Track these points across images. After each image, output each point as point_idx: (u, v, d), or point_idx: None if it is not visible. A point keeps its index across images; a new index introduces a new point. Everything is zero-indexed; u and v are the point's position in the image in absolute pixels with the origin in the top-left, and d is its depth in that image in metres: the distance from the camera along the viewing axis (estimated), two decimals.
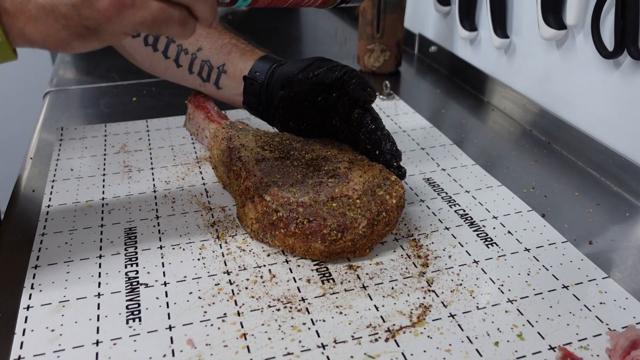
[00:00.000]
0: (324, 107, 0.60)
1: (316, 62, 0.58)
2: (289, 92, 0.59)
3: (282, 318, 0.45)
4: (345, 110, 0.60)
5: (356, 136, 0.60)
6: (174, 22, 0.39)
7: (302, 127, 0.62)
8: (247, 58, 0.63)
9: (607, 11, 0.63)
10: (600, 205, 0.61)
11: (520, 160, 0.71)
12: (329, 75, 0.57)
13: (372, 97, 0.58)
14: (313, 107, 0.60)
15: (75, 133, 0.76)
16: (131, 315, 0.45)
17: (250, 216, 0.53)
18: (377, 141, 0.58)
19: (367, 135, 0.59)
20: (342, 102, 0.59)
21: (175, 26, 0.39)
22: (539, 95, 0.79)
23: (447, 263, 0.52)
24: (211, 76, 0.65)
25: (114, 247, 0.53)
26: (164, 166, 0.68)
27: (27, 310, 0.46)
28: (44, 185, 0.64)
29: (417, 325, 0.44)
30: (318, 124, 0.62)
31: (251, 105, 0.64)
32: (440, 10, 0.98)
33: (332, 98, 0.59)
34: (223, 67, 0.64)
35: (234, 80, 0.64)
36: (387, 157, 0.58)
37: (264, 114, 0.63)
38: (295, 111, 0.61)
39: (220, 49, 0.64)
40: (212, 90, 0.67)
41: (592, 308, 0.46)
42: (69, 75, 0.99)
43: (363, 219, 0.49)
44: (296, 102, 0.60)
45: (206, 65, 0.65)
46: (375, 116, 0.59)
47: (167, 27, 0.39)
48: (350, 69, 0.58)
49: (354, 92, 0.58)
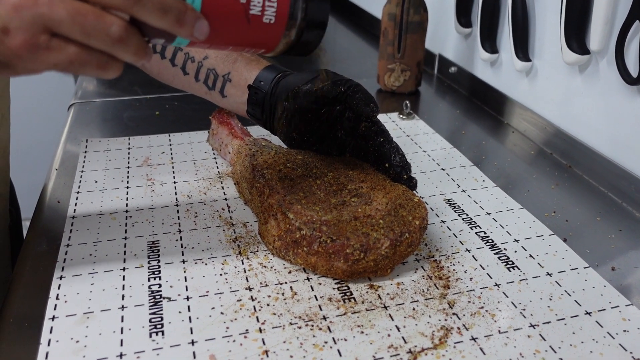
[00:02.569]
0: (327, 120, 0.60)
1: (321, 75, 0.59)
2: (294, 104, 0.59)
3: (303, 336, 0.45)
4: (351, 123, 0.60)
5: (364, 149, 0.61)
6: (92, 66, 0.37)
7: (305, 138, 0.62)
8: (252, 67, 0.64)
9: (632, 37, 0.63)
10: (622, 231, 0.61)
11: (541, 184, 0.71)
12: (334, 89, 0.58)
13: (375, 112, 0.59)
14: (316, 120, 0.60)
15: (99, 145, 0.77)
16: (154, 329, 0.46)
17: (273, 233, 0.53)
18: (385, 154, 0.59)
19: (375, 148, 0.59)
20: (346, 115, 0.60)
21: (93, 69, 0.38)
22: (560, 119, 0.79)
23: (468, 285, 0.52)
24: (216, 84, 0.65)
25: (137, 260, 0.54)
26: (187, 180, 0.69)
27: (52, 320, 0.46)
28: (68, 196, 0.65)
29: (438, 348, 0.44)
30: (321, 136, 0.62)
31: (255, 114, 0.64)
32: (462, 31, 0.98)
33: (336, 111, 0.60)
34: (228, 76, 0.64)
35: (239, 89, 0.64)
36: (397, 170, 0.58)
37: (267, 123, 0.64)
38: (299, 123, 0.61)
39: (226, 57, 0.65)
40: (217, 99, 0.67)
41: (615, 336, 0.46)
42: (93, 88, 1.01)
43: (386, 239, 0.49)
44: (300, 114, 0.60)
45: (212, 73, 0.65)
46: (382, 129, 0.60)
47: (84, 70, 0.37)
48: (354, 83, 0.59)
49: (357, 106, 0.58)
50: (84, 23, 0.35)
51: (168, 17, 0.37)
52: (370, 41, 1.36)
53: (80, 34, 0.36)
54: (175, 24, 0.37)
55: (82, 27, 0.35)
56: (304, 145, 0.63)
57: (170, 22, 0.37)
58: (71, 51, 0.36)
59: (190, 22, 0.37)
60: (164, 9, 0.36)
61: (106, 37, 0.36)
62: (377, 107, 0.59)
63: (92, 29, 0.36)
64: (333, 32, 1.53)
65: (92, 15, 0.35)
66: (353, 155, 0.62)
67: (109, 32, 0.36)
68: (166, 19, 0.37)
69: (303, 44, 0.43)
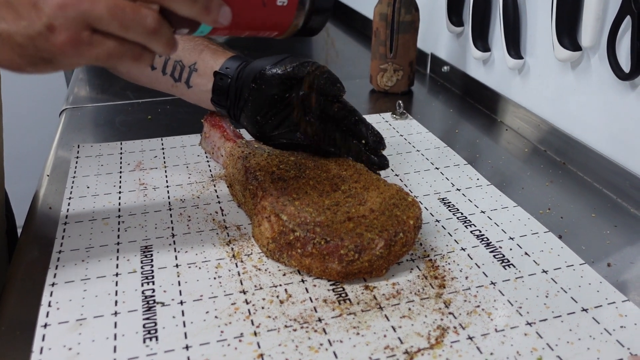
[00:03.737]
0: (291, 102, 0.61)
1: (288, 58, 0.60)
2: (260, 85, 0.60)
3: (299, 338, 0.45)
4: (320, 106, 0.61)
5: (330, 132, 0.62)
6: (128, 58, 0.40)
7: (269, 121, 0.62)
8: (218, 56, 0.65)
9: (623, 33, 0.63)
10: (617, 227, 0.61)
11: (535, 181, 0.71)
12: (301, 69, 0.59)
13: (342, 92, 0.61)
14: (281, 102, 0.61)
15: (91, 150, 0.76)
16: (148, 335, 0.45)
17: (267, 235, 0.53)
18: (361, 131, 0.61)
19: (350, 127, 0.62)
20: (310, 97, 0.61)
21: (129, 61, 0.40)
22: (554, 116, 0.79)
23: (463, 284, 0.51)
24: (182, 75, 0.66)
25: (130, 265, 0.53)
26: (179, 184, 0.68)
27: (44, 328, 0.46)
28: (60, 202, 0.64)
29: (435, 348, 0.44)
30: (284, 118, 0.62)
31: (219, 101, 0.65)
32: (453, 30, 0.98)
33: (301, 94, 0.60)
34: (194, 66, 0.65)
35: (205, 78, 0.65)
36: (375, 145, 0.61)
37: (231, 109, 0.64)
38: (264, 105, 0.61)
39: (193, 49, 0.66)
40: (182, 91, 0.68)
41: (612, 332, 0.46)
42: (84, 94, 1.00)
43: (380, 239, 0.49)
44: (265, 96, 0.60)
45: (178, 65, 0.66)
46: (353, 108, 0.62)
47: (121, 62, 0.40)
48: (320, 65, 0.60)
49: (324, 86, 0.60)
50: (123, 17, 0.37)
51: (196, 6, 0.39)
52: (362, 41, 1.36)
53: (119, 28, 0.38)
54: (203, 12, 0.39)
55: (121, 21, 0.37)
56: (266, 129, 0.63)
57: (198, 10, 0.39)
58: (110, 45, 0.38)
59: (215, 9, 0.40)
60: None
61: (142, 30, 0.38)
62: (343, 87, 0.61)
63: (129, 23, 0.38)
64: (325, 33, 1.52)
65: (129, 9, 0.37)
66: (317, 136, 0.63)
67: (144, 24, 0.38)
68: (195, 8, 0.39)
69: (311, 25, 0.46)
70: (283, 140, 0.63)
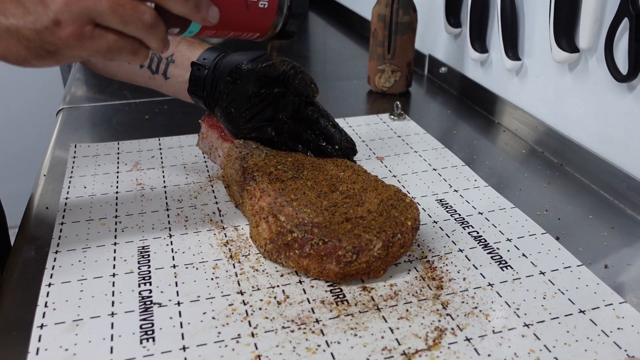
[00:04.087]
0: (265, 99, 0.63)
1: (264, 55, 0.62)
2: (236, 79, 0.61)
3: (296, 339, 0.45)
4: (294, 106, 0.63)
5: (303, 133, 0.65)
6: (127, 51, 0.43)
7: (242, 114, 0.63)
8: (195, 48, 0.66)
9: (620, 35, 0.63)
10: (614, 229, 0.61)
11: (533, 182, 0.71)
12: (277, 68, 0.61)
13: (315, 93, 0.64)
14: (256, 97, 0.62)
15: (88, 150, 0.76)
16: (145, 335, 0.45)
17: (264, 236, 0.53)
18: (334, 136, 0.64)
19: (322, 131, 0.64)
20: (289, 98, 0.63)
21: (127, 55, 0.43)
22: (551, 117, 0.79)
23: (461, 285, 0.51)
24: (160, 67, 0.67)
25: (127, 266, 0.53)
26: (177, 184, 0.68)
27: (40, 328, 0.45)
28: (57, 202, 0.64)
29: (432, 349, 0.44)
30: (257, 113, 0.63)
31: (196, 91, 0.65)
32: (451, 32, 0.98)
33: (275, 92, 0.63)
34: (171, 57, 0.66)
35: (182, 69, 0.66)
36: (347, 152, 0.64)
37: (207, 100, 0.65)
38: (238, 99, 0.62)
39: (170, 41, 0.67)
40: (159, 82, 0.68)
41: (609, 333, 0.46)
42: (81, 93, 1.00)
43: (378, 240, 0.49)
44: (240, 91, 0.62)
45: (155, 57, 0.67)
46: (326, 112, 0.65)
47: (119, 55, 0.43)
48: (297, 65, 0.62)
49: (299, 86, 0.62)
50: (123, 13, 0.40)
51: (189, 4, 0.42)
52: (360, 42, 1.36)
53: (119, 23, 0.41)
54: (194, 10, 0.42)
55: (121, 16, 0.40)
56: (239, 121, 0.64)
57: (190, 8, 0.42)
58: (110, 39, 0.41)
59: (205, 8, 0.43)
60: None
61: (141, 25, 0.41)
62: (317, 88, 0.64)
63: (129, 18, 0.41)
64: (323, 34, 1.53)
65: (128, 6, 0.41)
66: (289, 135, 0.64)
67: (143, 19, 0.41)
68: (187, 6, 0.42)
69: (289, 28, 0.50)
70: (253, 135, 0.65)
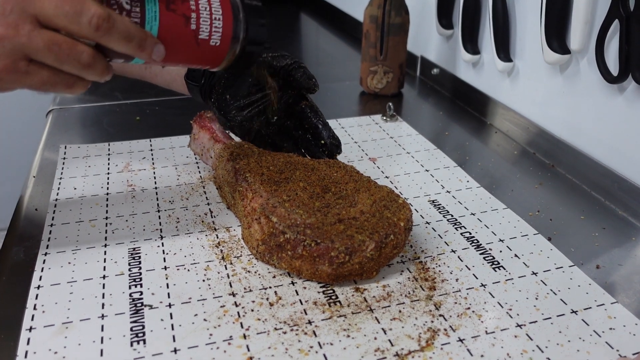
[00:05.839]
0: (263, 89, 0.64)
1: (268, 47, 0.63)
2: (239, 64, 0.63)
3: (288, 341, 0.44)
4: (289, 100, 0.64)
5: (291, 128, 0.66)
6: (62, 86, 0.43)
7: (236, 103, 0.63)
8: None
9: (611, 36, 0.63)
10: (606, 230, 0.61)
11: (525, 183, 0.71)
12: (279, 60, 0.63)
13: (316, 87, 0.64)
14: (254, 87, 0.63)
15: (78, 152, 0.75)
16: (135, 338, 0.45)
17: (256, 237, 0.52)
18: (321, 133, 0.65)
19: (311, 127, 0.65)
20: (285, 92, 0.64)
21: (62, 88, 0.43)
22: (542, 119, 0.79)
23: (454, 286, 0.51)
24: None
25: (117, 268, 0.53)
26: (168, 186, 0.67)
27: (29, 331, 0.45)
28: (46, 204, 0.63)
29: (425, 350, 0.44)
30: (251, 103, 0.64)
31: (194, 77, 0.65)
32: (443, 33, 0.99)
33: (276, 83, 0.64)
34: None
35: None
36: (332, 149, 0.65)
37: (203, 86, 0.65)
38: (237, 85, 0.63)
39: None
40: (155, 71, 0.69)
41: (601, 334, 0.46)
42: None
43: (371, 241, 0.49)
44: (240, 78, 0.63)
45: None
46: (318, 110, 0.66)
47: (54, 89, 0.43)
48: (298, 60, 0.64)
49: (300, 79, 0.63)
50: (58, 52, 0.40)
51: (131, 44, 0.42)
52: (352, 44, 1.36)
53: (54, 60, 0.41)
54: (137, 49, 0.43)
55: (57, 55, 0.40)
56: (232, 108, 0.64)
57: (133, 48, 0.42)
58: (44, 74, 0.42)
59: (149, 47, 0.43)
60: (128, 38, 0.42)
61: (77, 64, 0.41)
62: (317, 83, 0.64)
63: (65, 57, 0.41)
64: (314, 35, 1.52)
65: (65, 45, 0.40)
66: (277, 127, 0.66)
67: (79, 59, 0.41)
68: (129, 46, 0.42)
69: (243, 61, 0.50)
70: (243, 123, 0.65)
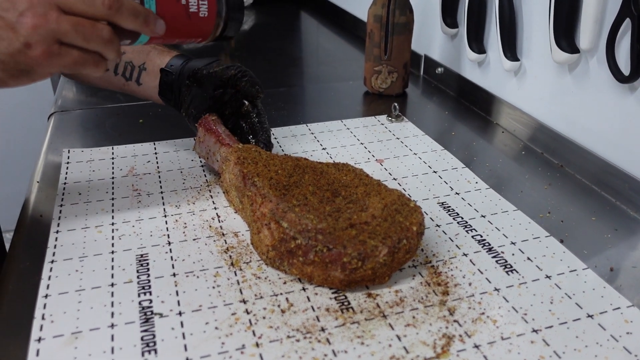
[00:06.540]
0: (220, 99, 0.70)
1: (216, 61, 0.70)
2: (193, 82, 0.69)
3: (302, 349, 0.44)
4: (238, 104, 0.71)
5: (240, 127, 0.71)
6: (90, 64, 0.48)
7: (201, 115, 0.70)
8: (164, 56, 0.73)
9: (622, 35, 0.62)
10: (618, 231, 0.61)
11: (534, 184, 0.70)
12: (225, 72, 0.69)
13: (260, 94, 0.71)
14: (211, 99, 0.70)
15: (81, 155, 0.75)
16: (147, 347, 0.44)
17: (266, 243, 0.52)
18: (255, 131, 0.70)
19: (250, 125, 0.70)
20: (235, 97, 0.70)
21: (90, 67, 0.48)
22: (551, 118, 0.78)
23: (467, 291, 0.50)
24: (133, 74, 0.74)
25: (126, 275, 0.52)
26: (174, 190, 0.67)
27: (38, 342, 0.44)
28: (51, 210, 0.62)
29: (441, 357, 0.43)
30: (213, 112, 0.70)
31: (165, 94, 0.72)
32: (448, 32, 0.98)
33: (227, 93, 0.70)
34: (143, 65, 0.73)
35: (153, 75, 0.73)
36: (260, 146, 0.68)
37: (176, 102, 0.72)
38: (196, 100, 0.70)
39: (141, 51, 0.74)
40: (133, 88, 0.75)
41: (619, 338, 0.45)
42: (73, 97, 0.98)
43: (384, 246, 0.48)
44: (198, 92, 0.69)
45: (129, 65, 0.73)
46: (261, 112, 0.71)
47: (84, 68, 0.48)
48: (243, 69, 0.70)
49: (244, 87, 0.70)
50: (84, 31, 0.46)
51: (138, 20, 0.49)
52: (355, 43, 1.35)
53: (82, 40, 0.46)
54: (144, 24, 0.49)
55: (83, 34, 0.46)
56: (198, 118, 0.70)
57: (140, 23, 0.49)
58: (75, 54, 0.47)
59: (152, 22, 0.50)
60: (135, 14, 0.48)
61: (100, 40, 0.47)
62: (262, 89, 0.71)
63: (90, 35, 0.46)
64: (315, 34, 1.52)
65: (88, 25, 0.46)
66: (232, 130, 0.70)
67: (101, 35, 0.47)
68: (137, 22, 0.49)
69: (227, 32, 0.57)
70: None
